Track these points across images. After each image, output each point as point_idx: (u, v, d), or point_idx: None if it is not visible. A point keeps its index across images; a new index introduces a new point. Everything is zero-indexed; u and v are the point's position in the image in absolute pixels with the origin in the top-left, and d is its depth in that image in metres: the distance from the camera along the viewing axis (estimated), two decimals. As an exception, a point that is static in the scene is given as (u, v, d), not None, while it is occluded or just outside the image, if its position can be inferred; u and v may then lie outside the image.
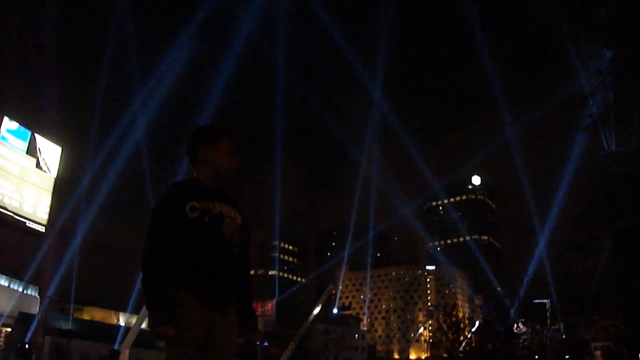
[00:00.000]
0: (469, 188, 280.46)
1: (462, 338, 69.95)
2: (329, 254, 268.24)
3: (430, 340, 77.91)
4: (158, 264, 3.83)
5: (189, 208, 3.94)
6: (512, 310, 66.52)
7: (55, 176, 43.25)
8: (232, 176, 4.22)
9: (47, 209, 41.89)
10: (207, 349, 3.89)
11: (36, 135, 42.63)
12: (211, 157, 4.18)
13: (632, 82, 13.53)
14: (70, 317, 70.82)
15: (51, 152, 43.53)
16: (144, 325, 40.87)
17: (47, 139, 43.41)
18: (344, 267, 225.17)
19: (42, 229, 41.45)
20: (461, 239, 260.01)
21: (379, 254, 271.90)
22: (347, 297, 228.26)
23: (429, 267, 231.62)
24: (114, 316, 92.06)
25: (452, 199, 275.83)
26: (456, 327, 69.39)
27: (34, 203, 41.29)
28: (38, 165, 42.02)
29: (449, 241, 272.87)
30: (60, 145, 44.09)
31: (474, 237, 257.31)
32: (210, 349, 3.90)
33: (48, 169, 42.73)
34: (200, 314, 3.86)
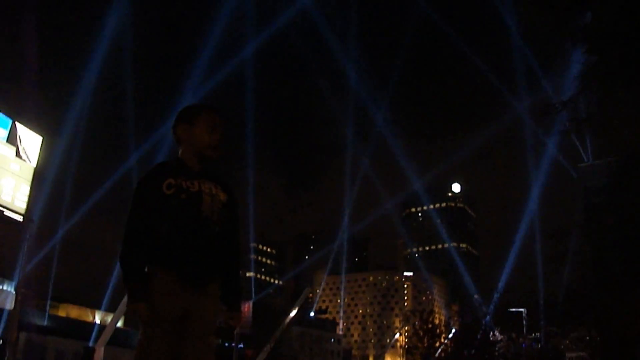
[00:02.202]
0: (448, 195, 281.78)
1: (437, 344, 70.15)
2: (307, 257, 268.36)
3: (406, 346, 77.99)
4: (135, 242, 3.85)
5: (165, 185, 3.94)
6: (488, 318, 66.84)
7: (35, 166, 42.77)
8: (211, 152, 4.16)
9: (26, 199, 41.41)
10: (183, 327, 3.88)
11: (17, 123, 42.07)
12: (189, 134, 4.17)
13: (615, 88, 13.62)
14: (47, 314, 70.27)
15: (31, 141, 42.98)
16: (119, 324, 40.78)
17: (28, 127, 42.86)
18: (326, 272, 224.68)
19: (19, 218, 41.01)
20: (439, 246, 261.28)
21: (357, 259, 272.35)
22: (324, 301, 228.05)
23: (406, 273, 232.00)
24: (89, 313, 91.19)
25: (432, 206, 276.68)
26: (432, 334, 69.64)
27: (12, 192, 40.71)
28: (18, 154, 41.45)
29: (427, 248, 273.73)
30: (41, 135, 43.60)
31: (452, 244, 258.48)
32: (187, 328, 3.89)
33: (28, 158, 42.12)
34: (177, 292, 3.85)
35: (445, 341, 73.11)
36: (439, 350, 69.32)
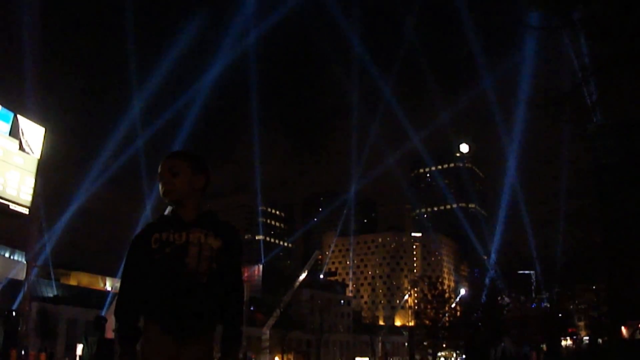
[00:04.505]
0: (456, 156, 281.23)
1: (446, 308, 70.54)
2: (315, 219, 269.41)
3: (416, 308, 78.39)
4: (127, 297, 3.96)
5: (153, 240, 3.99)
6: (495, 280, 66.94)
7: (39, 157, 42.80)
8: (167, 200, 4.14)
9: (31, 191, 41.59)
10: None
11: (19, 116, 42.03)
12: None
13: (622, 77, 13.44)
14: (59, 284, 70.92)
15: (34, 133, 43.00)
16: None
17: (30, 119, 42.84)
18: (336, 234, 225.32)
19: (25, 211, 41.18)
20: (448, 207, 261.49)
21: (365, 220, 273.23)
22: (333, 263, 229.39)
23: (415, 234, 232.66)
24: (100, 281, 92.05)
25: (440, 167, 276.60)
26: (441, 298, 69.93)
27: (17, 185, 40.84)
28: (21, 147, 41.50)
29: (435, 208, 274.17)
30: (43, 126, 43.57)
31: (460, 204, 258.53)
32: None
33: (31, 150, 42.16)
34: (166, 344, 3.90)
35: (454, 304, 73.50)
36: (447, 314, 69.80)
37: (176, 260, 3.96)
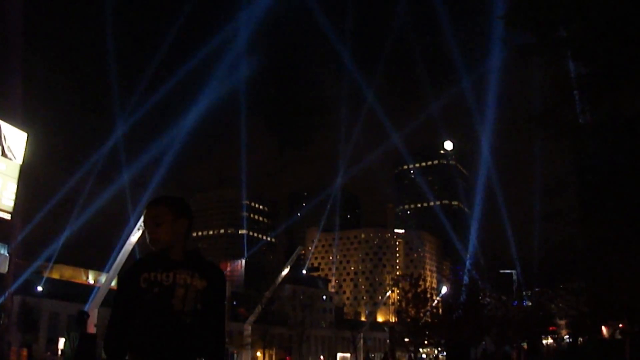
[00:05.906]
0: (440, 153, 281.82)
1: (428, 306, 70.83)
2: (299, 214, 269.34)
3: (398, 305, 78.62)
4: (114, 335, 4.09)
5: (142, 279, 4.11)
6: (470, 279, 67.24)
7: (21, 163, 42.49)
8: (154, 248, 4.28)
9: (13, 197, 41.29)
10: None
11: (0, 122, 41.72)
12: None
13: (600, 95, 13.61)
14: (37, 276, 70.48)
15: (16, 138, 42.60)
16: (113, 284, 40.88)
17: (12, 125, 42.47)
18: (319, 229, 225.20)
19: (7, 216, 40.85)
20: (431, 204, 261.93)
21: (349, 216, 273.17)
22: (316, 258, 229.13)
23: (398, 231, 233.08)
24: (83, 274, 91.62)
25: (423, 164, 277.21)
26: (423, 296, 70.19)
27: None
28: (3, 153, 41.16)
29: (419, 205, 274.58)
30: (25, 131, 43.27)
31: (444, 202, 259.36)
32: None
33: (13, 155, 41.82)
34: None
35: (435, 302, 73.77)
36: (428, 313, 70.11)
37: (163, 301, 4.09)
